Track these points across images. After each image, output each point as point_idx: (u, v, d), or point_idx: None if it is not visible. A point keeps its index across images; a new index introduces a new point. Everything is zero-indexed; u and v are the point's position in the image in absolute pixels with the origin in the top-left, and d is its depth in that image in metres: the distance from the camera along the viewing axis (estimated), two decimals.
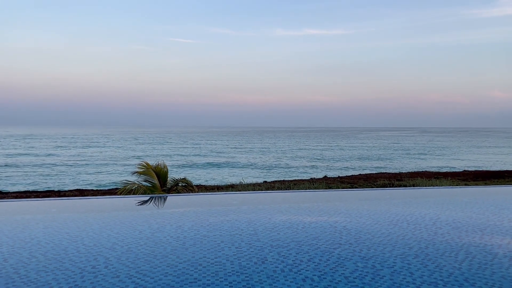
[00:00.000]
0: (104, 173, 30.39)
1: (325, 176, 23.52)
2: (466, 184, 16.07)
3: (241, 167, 35.13)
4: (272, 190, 13.37)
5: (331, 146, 62.41)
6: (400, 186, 14.98)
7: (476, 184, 15.83)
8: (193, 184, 9.08)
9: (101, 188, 20.17)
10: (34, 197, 14.22)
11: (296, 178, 21.83)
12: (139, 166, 7.90)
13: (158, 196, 4.29)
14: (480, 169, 28.31)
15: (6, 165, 33.67)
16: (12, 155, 43.07)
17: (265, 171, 32.81)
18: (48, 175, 28.70)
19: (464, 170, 26.83)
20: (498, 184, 15.83)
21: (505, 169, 27.76)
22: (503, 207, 3.47)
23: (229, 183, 18.03)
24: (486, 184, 16.30)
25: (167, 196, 4.52)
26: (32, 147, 53.74)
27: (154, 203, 3.86)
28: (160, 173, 8.01)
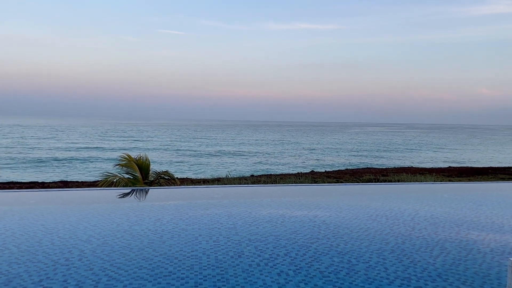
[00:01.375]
0: (91, 163, 30.08)
1: (312, 171, 23.62)
2: (450, 180, 16.29)
3: (230, 161, 35.10)
4: (258, 184, 13.36)
5: (320, 141, 62.73)
6: (385, 181, 15.12)
7: (460, 180, 16.07)
8: (178, 177, 9.02)
9: (87, 180, 19.97)
10: (17, 189, 14.00)
11: (283, 172, 21.90)
12: (121, 158, 7.79)
13: (139, 189, 4.26)
14: (465, 166, 28.73)
15: None
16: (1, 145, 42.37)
17: (255, 165, 32.84)
18: (36, 165, 28.31)
19: (449, 167, 27.20)
20: (481, 181, 16.07)
21: (489, 166, 28.21)
22: (481, 203, 3.52)
23: (215, 177, 17.99)
24: (469, 180, 16.54)
25: (148, 189, 4.48)
26: (22, 137, 52.95)
27: (134, 196, 3.83)
28: (142, 166, 7.91)
